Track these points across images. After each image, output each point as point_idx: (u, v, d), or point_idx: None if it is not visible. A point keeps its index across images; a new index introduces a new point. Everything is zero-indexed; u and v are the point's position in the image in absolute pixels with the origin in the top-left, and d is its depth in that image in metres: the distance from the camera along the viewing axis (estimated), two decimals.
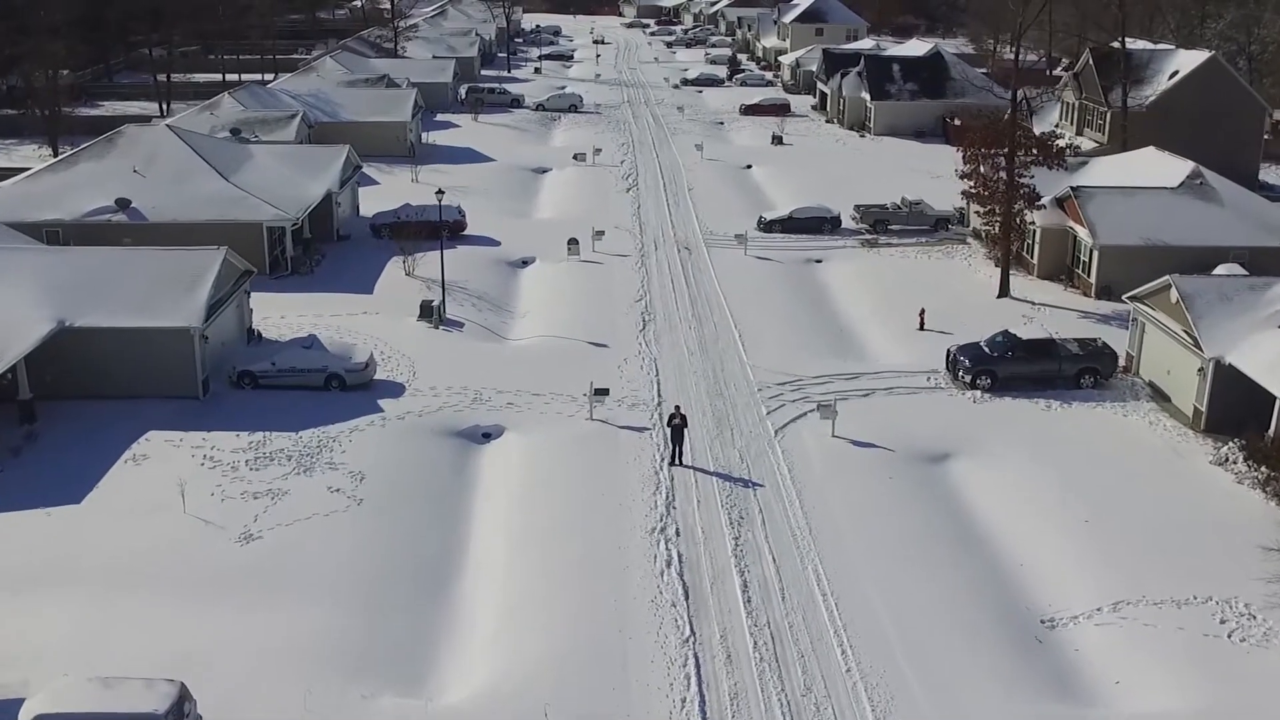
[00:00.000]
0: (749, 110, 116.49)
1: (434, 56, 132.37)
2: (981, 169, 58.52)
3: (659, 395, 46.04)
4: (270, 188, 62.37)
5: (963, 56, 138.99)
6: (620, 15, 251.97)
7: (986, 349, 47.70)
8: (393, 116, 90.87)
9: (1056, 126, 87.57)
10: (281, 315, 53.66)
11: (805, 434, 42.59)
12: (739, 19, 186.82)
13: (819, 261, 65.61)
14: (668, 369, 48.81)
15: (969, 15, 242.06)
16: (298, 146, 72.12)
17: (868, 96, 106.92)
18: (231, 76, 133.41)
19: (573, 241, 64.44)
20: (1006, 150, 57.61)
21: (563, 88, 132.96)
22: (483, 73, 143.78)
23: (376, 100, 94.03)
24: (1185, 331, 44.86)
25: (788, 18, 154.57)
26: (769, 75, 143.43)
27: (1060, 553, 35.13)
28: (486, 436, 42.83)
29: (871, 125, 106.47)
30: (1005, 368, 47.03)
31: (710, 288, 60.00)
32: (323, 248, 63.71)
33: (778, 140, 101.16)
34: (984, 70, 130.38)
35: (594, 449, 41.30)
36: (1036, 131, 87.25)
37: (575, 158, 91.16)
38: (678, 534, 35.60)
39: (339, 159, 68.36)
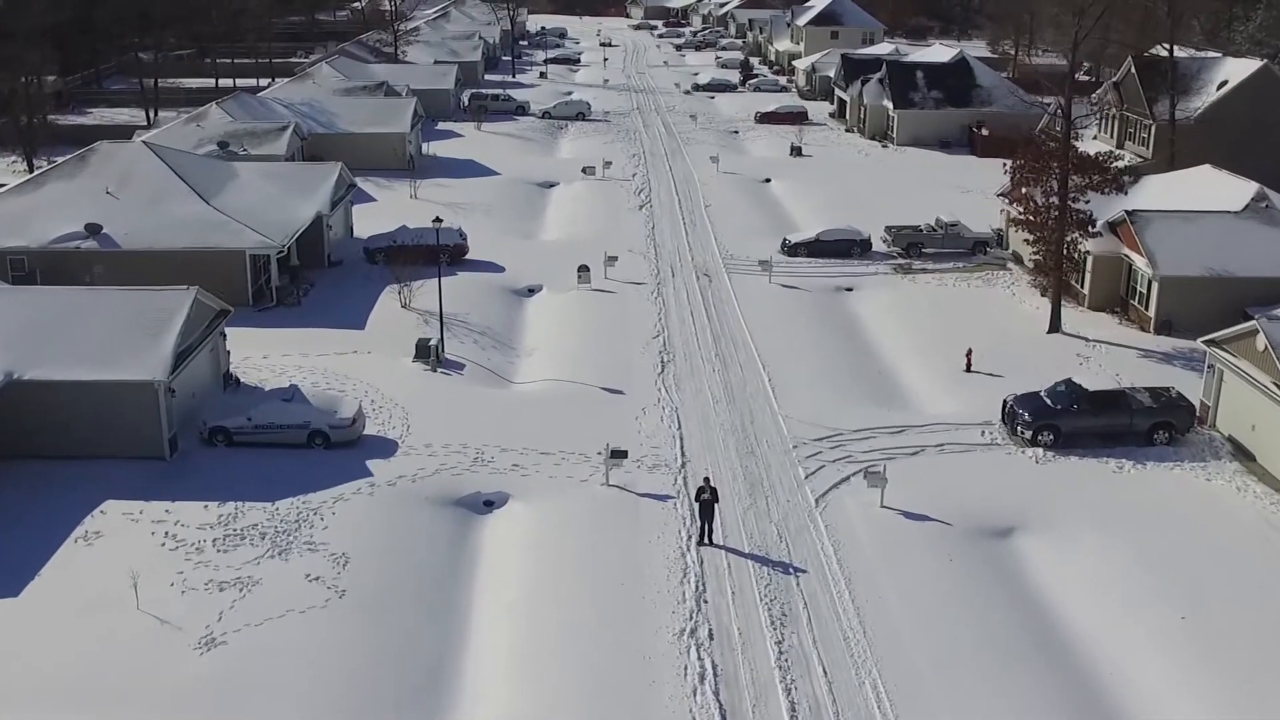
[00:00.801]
0: (765, 118, 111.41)
1: (435, 61, 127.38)
2: (1029, 193, 53.41)
3: (682, 454, 41.00)
4: (255, 211, 57.39)
5: (980, 60, 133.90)
6: (627, 17, 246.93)
7: (1048, 401, 42.61)
8: (391, 127, 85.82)
9: (1094, 139, 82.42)
10: (264, 355, 48.70)
11: (850, 503, 37.54)
12: (750, 21, 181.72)
13: (849, 290, 60.55)
14: (691, 421, 43.77)
15: (984, 17, 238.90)
16: (286, 165, 67.06)
17: (890, 105, 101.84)
18: (226, 81, 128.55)
19: (583, 268, 59.42)
20: (1059, 173, 52.49)
21: (569, 93, 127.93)
22: (486, 77, 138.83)
23: (374, 109, 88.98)
24: (1276, 384, 39.79)
25: (802, 20, 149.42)
26: (783, 80, 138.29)
27: (1156, 660, 30.09)
28: (489, 505, 37.82)
29: (895, 135, 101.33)
30: (1070, 422, 41.96)
31: (734, 321, 54.96)
32: (311, 276, 58.71)
33: (797, 151, 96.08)
34: (1005, 75, 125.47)
35: (611, 523, 36.28)
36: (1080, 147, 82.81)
37: (584, 171, 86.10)
38: (711, 637, 30.56)
39: (330, 178, 63.35)
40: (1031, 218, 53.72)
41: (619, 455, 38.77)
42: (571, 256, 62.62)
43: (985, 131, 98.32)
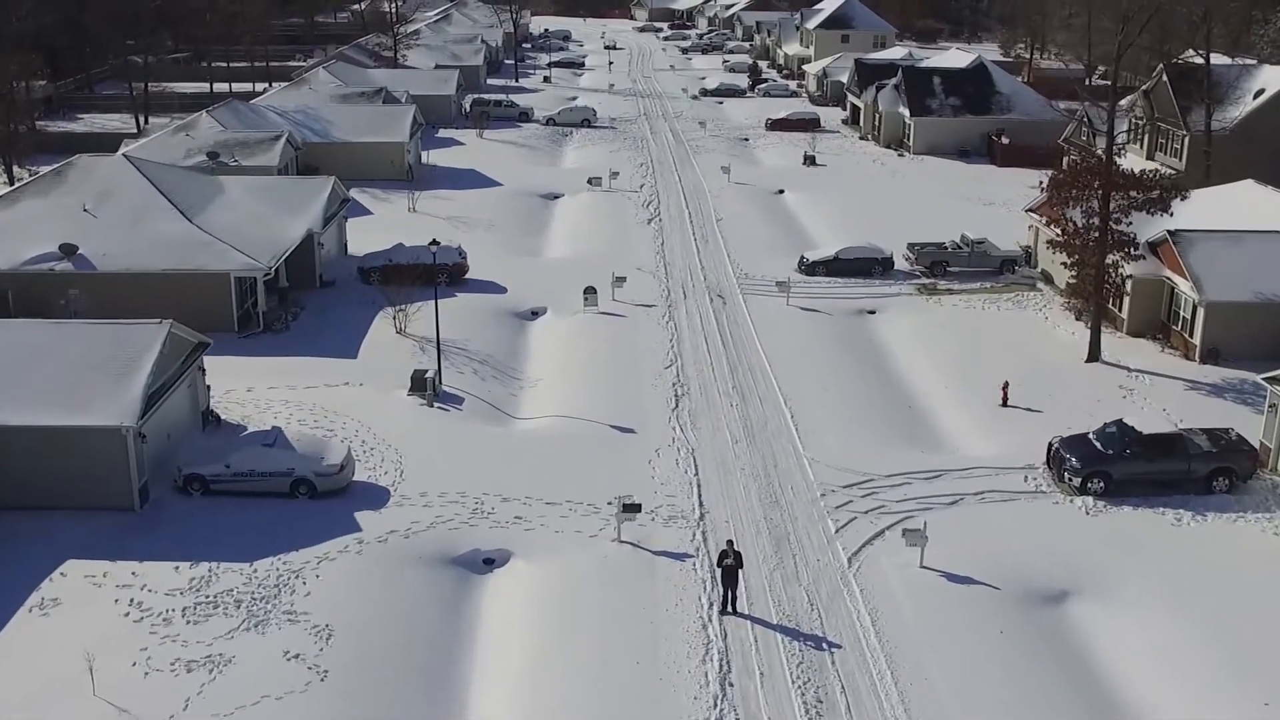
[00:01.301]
0: (776, 125, 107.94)
1: (436, 66, 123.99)
2: (1068, 214, 49.97)
3: (700, 504, 37.56)
4: (241, 229, 54.02)
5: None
6: (632, 19, 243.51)
7: (1098, 444, 39.12)
8: (389, 136, 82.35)
9: (1122, 150, 78.83)
10: (248, 388, 45.32)
11: (887, 563, 34.10)
12: (758, 24, 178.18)
13: (872, 313, 57.13)
14: (709, 465, 40.33)
15: (992, 19, 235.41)
16: (276, 180, 63.55)
17: (907, 112, 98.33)
18: (222, 86, 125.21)
19: (589, 290, 56.01)
20: (1100, 191, 49.03)
21: (574, 99, 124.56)
22: (489, 82, 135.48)
23: (372, 117, 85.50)
24: None
25: (811, 23, 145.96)
26: (793, 85, 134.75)
27: None
28: (489, 564, 34.40)
29: (911, 143, 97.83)
30: (1122, 468, 38.50)
31: (751, 348, 51.54)
32: (302, 298, 55.30)
33: (810, 161, 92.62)
34: (1020, 79, 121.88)
35: (624, 587, 32.84)
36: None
37: (590, 182, 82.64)
38: None
39: (323, 193, 59.93)
40: (1070, 240, 50.27)
41: (631, 509, 35.33)
42: (577, 275, 59.25)
43: (1005, 140, 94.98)
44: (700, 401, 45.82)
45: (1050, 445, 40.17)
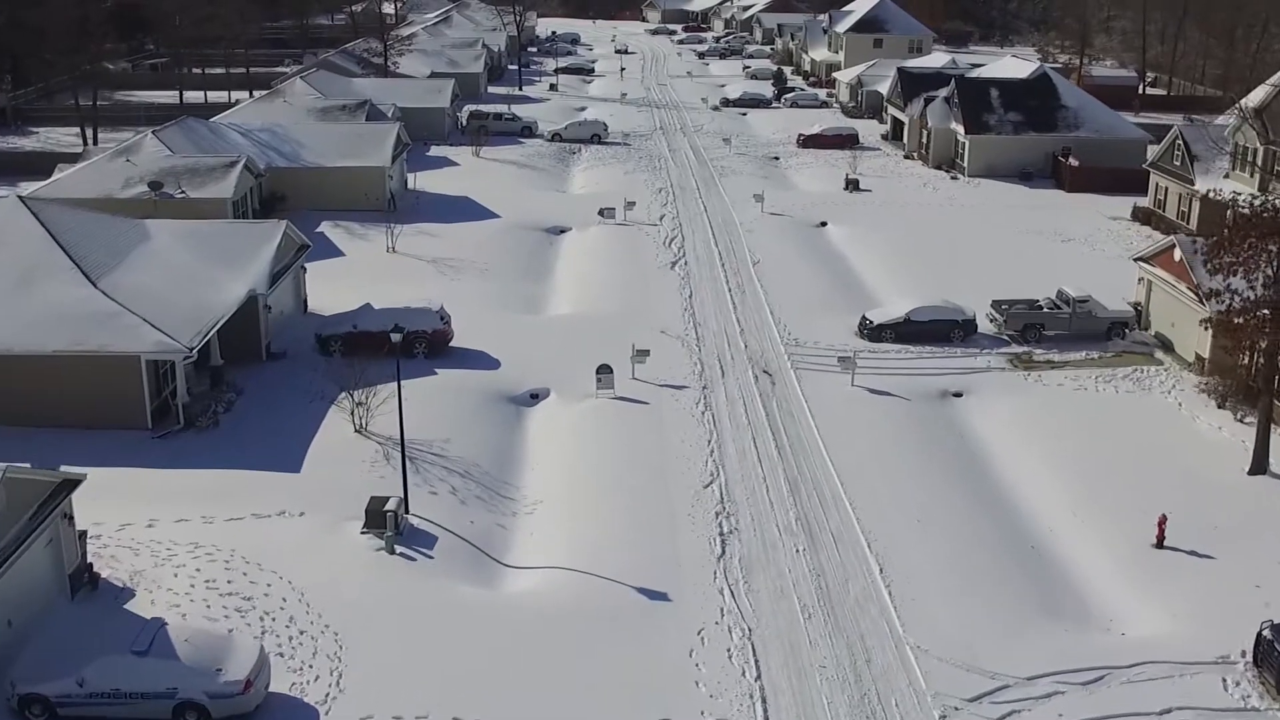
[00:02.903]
0: (809, 142, 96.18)
1: (431, 74, 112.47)
2: (1235, 280, 38.28)
3: None
4: (163, 292, 42.55)
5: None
6: (643, 20, 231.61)
7: None
8: (367, 160, 70.73)
9: (1225, 178, 67.19)
10: (150, 522, 33.81)
11: None
12: (779, 26, 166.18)
13: (958, 395, 45.54)
14: (774, 658, 28.68)
15: (1023, 21, 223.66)
16: (214, 225, 51.42)
17: (961, 129, 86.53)
18: (196, 95, 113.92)
19: (604, 370, 44.42)
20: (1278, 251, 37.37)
21: (583, 109, 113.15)
22: (490, 90, 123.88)
23: (349, 138, 73.79)
24: None
25: (841, 27, 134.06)
26: (823, 95, 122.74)
27: None
28: None
29: (966, 164, 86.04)
30: None
31: (813, 453, 39.90)
32: (239, 379, 43.73)
33: (853, 186, 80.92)
34: None
35: None
36: (1200, 186, 67.64)
37: (601, 214, 70.93)
38: None
39: (271, 241, 48.37)
40: (1232, 319, 38.56)
41: None
42: (588, 342, 47.92)
43: (1074, 162, 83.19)
44: (754, 543, 34.17)
45: (1260, 636, 28.45)
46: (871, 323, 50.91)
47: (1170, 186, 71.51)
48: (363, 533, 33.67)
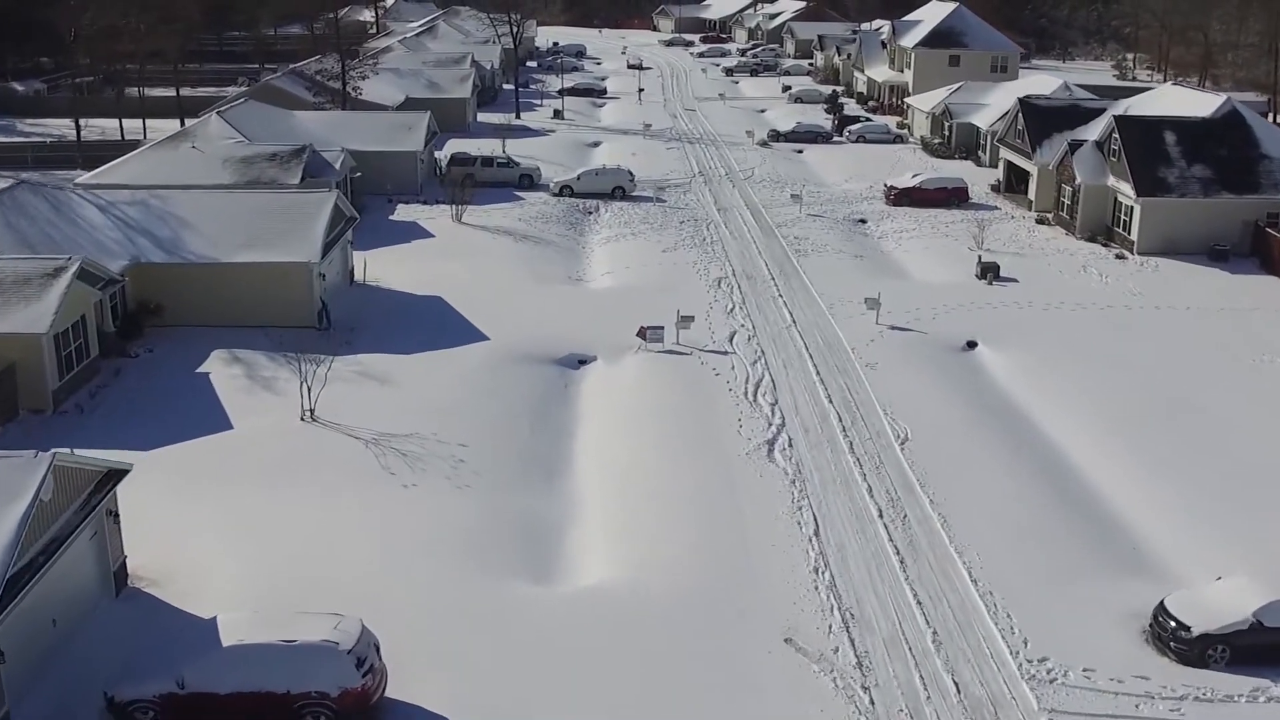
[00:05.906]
0: (902, 197, 72.24)
1: (406, 100, 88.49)
2: None
3: None
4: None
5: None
6: (655, 29, 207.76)
7: None
8: (287, 254, 46.19)
9: None
10: None
11: None
12: (819, 39, 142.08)
13: None
14: None
15: (1075, 30, 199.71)
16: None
17: (1129, 188, 62.43)
18: (134, 124, 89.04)
19: None
20: None
21: (596, 144, 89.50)
22: (479, 118, 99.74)
23: (265, 214, 49.29)
24: None
25: (908, 40, 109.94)
26: (893, 126, 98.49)
27: None
28: None
29: (1135, 237, 62.00)
30: None
31: None
32: None
33: (991, 273, 56.93)
34: None
35: None
36: None
37: (643, 336, 46.52)
38: None
39: (24, 495, 24.10)
40: None
41: None
42: (633, 655, 23.90)
43: None
44: None
45: None
46: (1190, 632, 26.72)
47: None
48: None
